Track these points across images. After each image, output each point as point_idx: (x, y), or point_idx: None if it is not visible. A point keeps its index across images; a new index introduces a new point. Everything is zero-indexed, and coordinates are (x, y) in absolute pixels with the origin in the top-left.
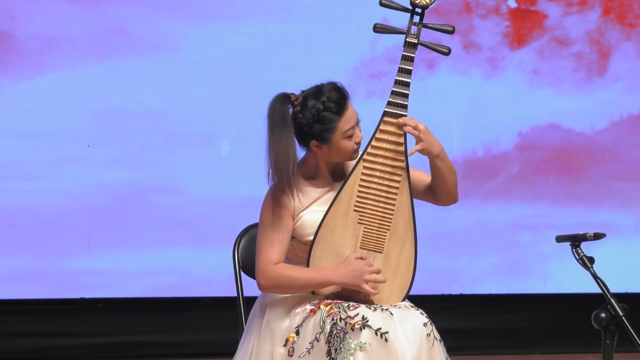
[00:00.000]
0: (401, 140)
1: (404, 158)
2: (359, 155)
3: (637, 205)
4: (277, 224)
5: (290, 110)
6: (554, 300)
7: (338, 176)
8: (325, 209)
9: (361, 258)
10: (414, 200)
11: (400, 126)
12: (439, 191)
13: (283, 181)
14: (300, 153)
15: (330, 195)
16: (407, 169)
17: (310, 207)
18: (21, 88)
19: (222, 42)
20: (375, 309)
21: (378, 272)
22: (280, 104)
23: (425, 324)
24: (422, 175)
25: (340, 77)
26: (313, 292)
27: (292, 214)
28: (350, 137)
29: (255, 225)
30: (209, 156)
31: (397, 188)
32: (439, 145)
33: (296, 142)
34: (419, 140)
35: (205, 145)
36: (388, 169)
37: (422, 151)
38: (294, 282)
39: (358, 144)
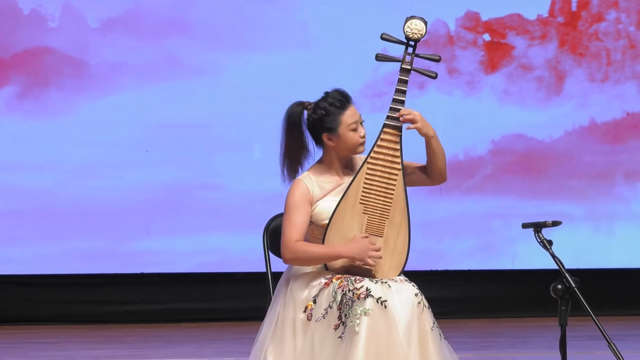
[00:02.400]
0: (398, 147)
1: (399, 161)
2: (364, 159)
3: (586, 198)
4: (298, 210)
5: (305, 114)
6: (520, 275)
7: (347, 172)
8: (338, 198)
9: (365, 237)
10: (409, 190)
11: (399, 129)
12: (432, 170)
13: (294, 171)
14: (316, 157)
15: (342, 187)
16: (402, 170)
17: (326, 197)
18: (93, 105)
19: (254, 67)
20: (376, 282)
21: (379, 250)
22: (295, 109)
23: (416, 294)
24: (416, 164)
25: (350, 95)
26: (326, 268)
27: (310, 202)
28: (354, 130)
29: (280, 215)
30: (243, 159)
31: (394, 185)
32: (433, 129)
33: (309, 142)
34: (417, 126)
35: (241, 150)
36: (387, 170)
37: (419, 131)
38: (311, 255)
39: (362, 137)
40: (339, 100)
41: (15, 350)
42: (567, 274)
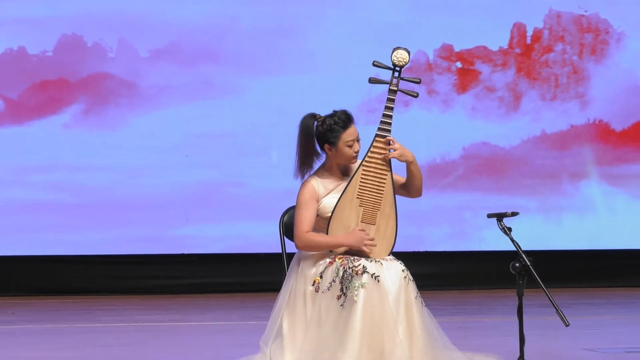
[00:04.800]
0: (387, 152)
1: (388, 164)
2: (360, 162)
3: (539, 194)
4: (307, 206)
5: (315, 124)
6: (485, 255)
7: (346, 175)
8: (338, 196)
9: (362, 230)
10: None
11: (387, 142)
12: (411, 188)
13: (304, 171)
14: (320, 161)
15: (341, 187)
16: (390, 171)
17: (329, 194)
18: (143, 119)
19: (272, 88)
20: (371, 261)
21: (372, 240)
22: (308, 120)
23: (403, 270)
24: (399, 177)
25: (349, 110)
26: (331, 251)
27: (316, 199)
28: (350, 146)
29: (292, 208)
30: (263, 162)
31: (384, 183)
32: (412, 155)
33: (317, 147)
34: (398, 155)
35: (261, 155)
36: (378, 171)
37: (400, 159)
38: (319, 244)
39: (356, 152)
40: (342, 120)
41: (82, 316)
42: (523, 255)
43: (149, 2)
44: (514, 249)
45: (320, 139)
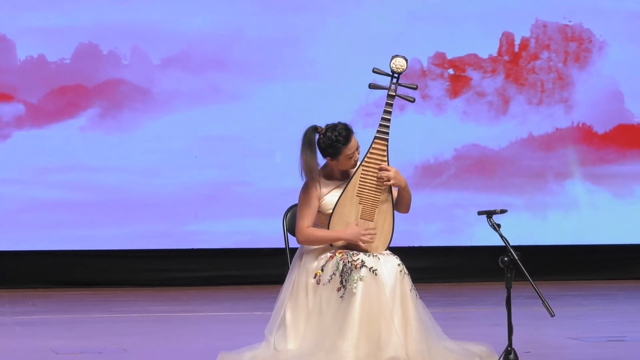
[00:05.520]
0: (385, 153)
1: (386, 164)
2: (359, 163)
3: (526, 192)
4: (309, 203)
5: (317, 136)
6: (476, 250)
7: (345, 175)
8: (339, 194)
9: (358, 225)
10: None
11: (386, 140)
12: (400, 207)
13: (311, 178)
14: (321, 162)
15: (342, 185)
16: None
17: (330, 193)
18: (155, 123)
19: (276, 93)
20: (369, 255)
21: (372, 229)
22: (311, 132)
23: (399, 264)
24: (393, 191)
25: (348, 114)
26: (331, 245)
27: (318, 197)
28: (350, 158)
29: (295, 206)
30: (267, 163)
31: (382, 183)
32: (405, 181)
33: (318, 154)
34: (392, 183)
35: (266, 156)
36: (376, 171)
37: (393, 185)
38: (319, 238)
39: (355, 161)
40: (344, 137)
41: (98, 306)
42: (511, 249)
43: (161, 13)
44: (503, 244)
45: (322, 151)
